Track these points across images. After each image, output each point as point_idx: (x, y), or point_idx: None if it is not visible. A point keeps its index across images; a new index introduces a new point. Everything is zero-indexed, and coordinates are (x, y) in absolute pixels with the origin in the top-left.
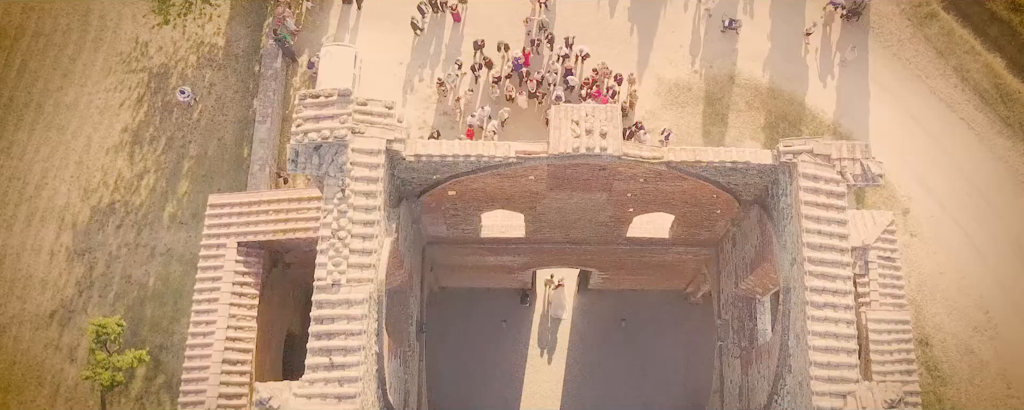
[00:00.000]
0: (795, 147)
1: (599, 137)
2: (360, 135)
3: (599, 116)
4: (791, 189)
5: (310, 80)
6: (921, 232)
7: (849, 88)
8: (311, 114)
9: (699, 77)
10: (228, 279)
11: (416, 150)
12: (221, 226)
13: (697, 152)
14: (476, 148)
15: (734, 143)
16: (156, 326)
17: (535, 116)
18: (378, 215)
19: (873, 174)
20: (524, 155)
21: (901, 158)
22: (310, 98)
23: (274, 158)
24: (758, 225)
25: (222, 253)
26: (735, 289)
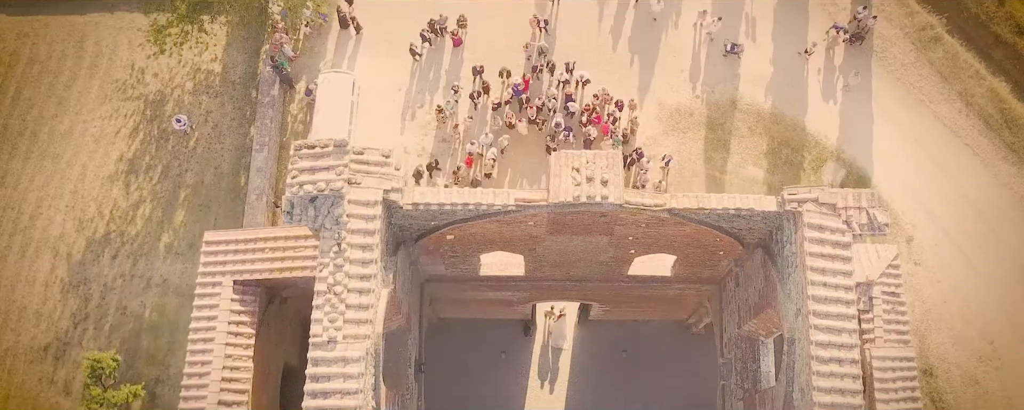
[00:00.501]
0: (800, 195)
1: (600, 185)
2: (356, 186)
3: (600, 163)
4: (796, 238)
5: (308, 107)
6: (925, 260)
7: (852, 113)
8: (306, 165)
9: (701, 102)
10: (224, 318)
11: (413, 199)
12: (217, 264)
13: (700, 199)
14: (475, 196)
15: (736, 169)
16: (152, 359)
17: (535, 143)
18: (375, 268)
19: (879, 223)
20: (524, 203)
21: (905, 185)
22: (306, 149)
23: (271, 187)
24: (762, 269)
25: (218, 292)
26: (738, 330)
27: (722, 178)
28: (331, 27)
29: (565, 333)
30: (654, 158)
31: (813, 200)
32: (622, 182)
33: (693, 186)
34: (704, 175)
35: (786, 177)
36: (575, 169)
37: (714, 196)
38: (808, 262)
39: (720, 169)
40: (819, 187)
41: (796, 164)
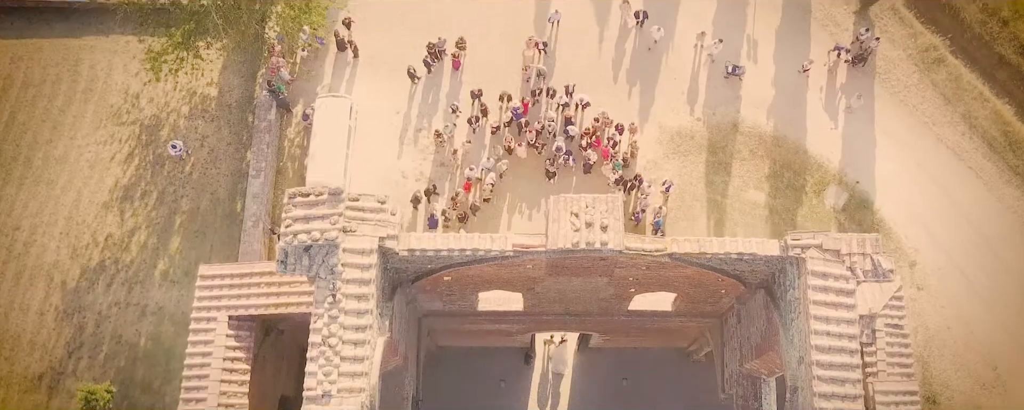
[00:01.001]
0: (803, 241)
1: (599, 230)
2: (352, 234)
3: (599, 208)
4: (798, 283)
5: (305, 132)
6: (928, 285)
7: (854, 136)
8: (300, 214)
9: (702, 125)
10: (219, 354)
11: (410, 245)
12: (211, 298)
13: (701, 243)
14: (472, 242)
15: (737, 193)
16: (147, 388)
17: (535, 167)
18: (370, 319)
19: (884, 270)
20: (522, 249)
21: (908, 208)
22: (300, 197)
23: (268, 213)
24: (764, 310)
25: (212, 327)
26: (739, 367)
27: (723, 202)
28: (328, 50)
29: (566, 358)
30: (655, 182)
31: (817, 246)
32: (622, 227)
33: (694, 210)
34: (705, 199)
35: (788, 201)
36: (574, 214)
37: (716, 240)
38: (811, 311)
39: (721, 193)
40: (823, 232)
41: (798, 187)
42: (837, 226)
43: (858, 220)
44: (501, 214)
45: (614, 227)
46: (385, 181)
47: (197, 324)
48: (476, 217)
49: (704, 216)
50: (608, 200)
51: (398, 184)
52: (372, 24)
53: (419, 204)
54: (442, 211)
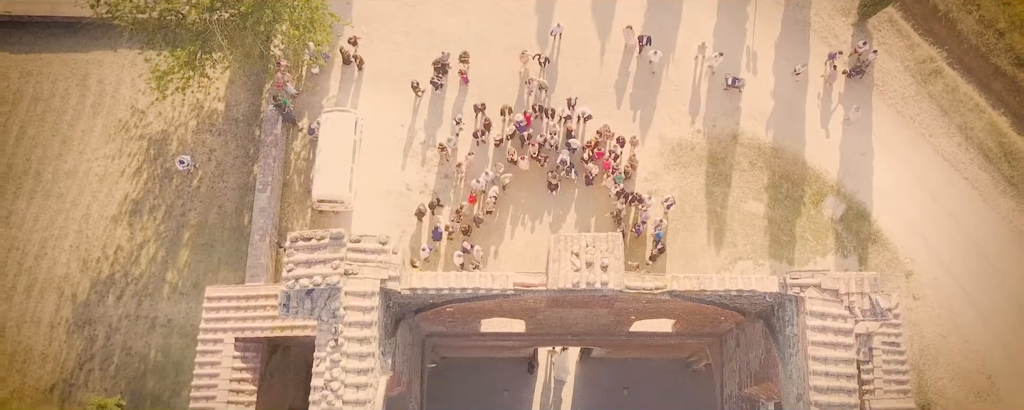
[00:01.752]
0: (802, 280)
1: (600, 270)
2: (353, 276)
3: (600, 247)
4: (797, 321)
5: (311, 145)
6: (924, 295)
7: (852, 147)
8: (302, 258)
9: (702, 136)
10: (226, 375)
11: (412, 284)
12: (218, 320)
13: (701, 281)
14: (473, 280)
15: (737, 204)
16: (157, 400)
17: (537, 179)
18: (373, 362)
19: (882, 309)
20: (523, 288)
21: (904, 219)
22: (301, 240)
23: (274, 227)
24: (763, 340)
25: (219, 349)
26: (739, 391)
27: (723, 213)
28: (334, 64)
29: (568, 366)
30: (656, 193)
31: (815, 286)
32: (622, 266)
33: (694, 221)
34: (705, 210)
35: (787, 211)
36: (574, 254)
37: (715, 277)
38: (810, 351)
39: (721, 204)
40: (822, 271)
41: (797, 198)
42: (835, 236)
43: (855, 230)
44: (504, 226)
45: (614, 266)
46: (390, 193)
47: (204, 346)
48: (479, 229)
49: (704, 227)
50: (608, 239)
51: (402, 196)
52: (377, 39)
53: (423, 216)
54: (446, 225)
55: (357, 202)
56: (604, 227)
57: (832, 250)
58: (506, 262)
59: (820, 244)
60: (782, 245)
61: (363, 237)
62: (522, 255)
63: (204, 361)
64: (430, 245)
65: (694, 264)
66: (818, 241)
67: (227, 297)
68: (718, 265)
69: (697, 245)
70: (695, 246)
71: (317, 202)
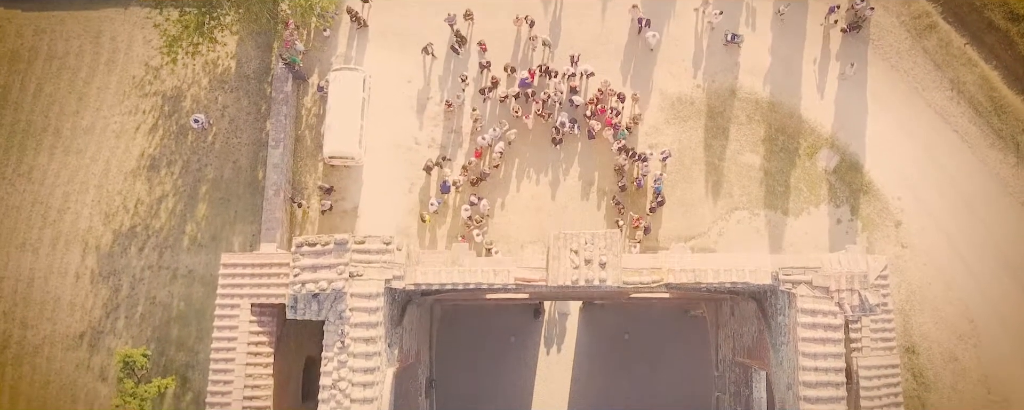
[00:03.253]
0: (794, 276)
1: (598, 267)
2: (358, 278)
3: (598, 244)
4: (789, 313)
5: (321, 100)
6: (912, 243)
7: (846, 101)
8: (308, 263)
9: (701, 91)
10: (243, 339)
11: (415, 279)
12: (234, 287)
13: (697, 274)
14: (475, 275)
15: (734, 157)
16: (182, 345)
17: (542, 134)
18: (379, 361)
19: (871, 305)
20: (523, 283)
21: (896, 170)
22: (307, 246)
23: (288, 181)
24: (755, 320)
25: (236, 314)
26: (732, 357)
27: (721, 165)
28: (342, 22)
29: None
30: (656, 147)
31: (807, 283)
32: (620, 262)
33: (693, 173)
34: (704, 162)
35: (782, 163)
36: (574, 251)
37: (710, 270)
38: (800, 347)
39: (719, 156)
40: (813, 268)
41: (792, 150)
42: (828, 187)
43: (848, 181)
44: (510, 179)
45: (612, 263)
46: (399, 148)
47: (222, 311)
48: (486, 182)
49: (702, 178)
50: (607, 236)
51: (411, 150)
52: None
53: (431, 171)
54: (453, 182)
55: (367, 157)
56: (607, 180)
57: (825, 200)
58: (512, 213)
59: (814, 194)
60: (777, 195)
61: (367, 238)
62: (527, 207)
63: (222, 325)
64: (439, 198)
65: (692, 214)
66: (812, 192)
67: (242, 264)
68: (715, 215)
69: (695, 196)
70: (693, 197)
71: (328, 158)
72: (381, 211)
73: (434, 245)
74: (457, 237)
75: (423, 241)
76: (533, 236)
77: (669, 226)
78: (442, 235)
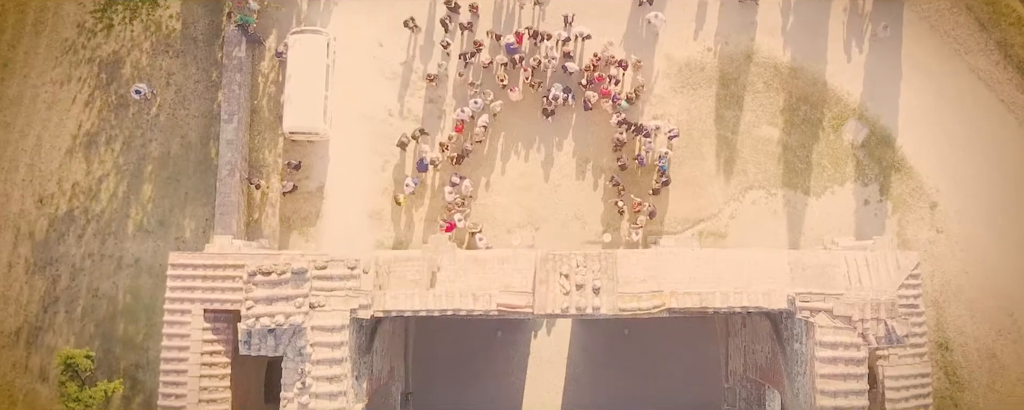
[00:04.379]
0: (813, 303)
1: (592, 293)
2: (320, 310)
3: (592, 267)
4: (806, 342)
5: (280, 66)
6: (948, 228)
7: (878, 66)
8: (263, 295)
9: (713, 55)
10: (196, 349)
11: (384, 306)
12: (184, 290)
13: (702, 297)
14: (453, 301)
15: (749, 129)
16: (130, 343)
17: (532, 104)
18: (345, 401)
19: (898, 336)
20: (507, 309)
21: (932, 145)
22: (261, 275)
23: (244, 159)
24: (769, 340)
25: (187, 320)
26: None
27: (734, 139)
28: None
29: None
30: (661, 118)
31: (827, 311)
32: (616, 287)
33: (702, 148)
34: (714, 136)
35: (803, 136)
36: (564, 275)
37: (718, 293)
38: (818, 384)
39: (732, 129)
40: (834, 295)
41: (815, 122)
42: (855, 164)
43: (878, 157)
44: (496, 156)
45: (607, 288)
46: (370, 120)
47: (170, 316)
48: (470, 159)
49: (713, 154)
50: (602, 258)
51: (384, 122)
52: None
53: (406, 147)
54: (431, 161)
55: (333, 131)
56: (605, 156)
57: (851, 178)
58: (499, 194)
59: (838, 172)
60: (797, 173)
61: (330, 263)
62: (515, 186)
63: (172, 333)
64: (415, 178)
65: (701, 194)
66: (836, 169)
67: (193, 265)
68: (728, 195)
69: (705, 174)
70: (703, 175)
71: (289, 133)
72: (350, 192)
73: (411, 230)
74: (437, 221)
75: (398, 225)
76: (522, 219)
77: (675, 208)
78: (420, 218)
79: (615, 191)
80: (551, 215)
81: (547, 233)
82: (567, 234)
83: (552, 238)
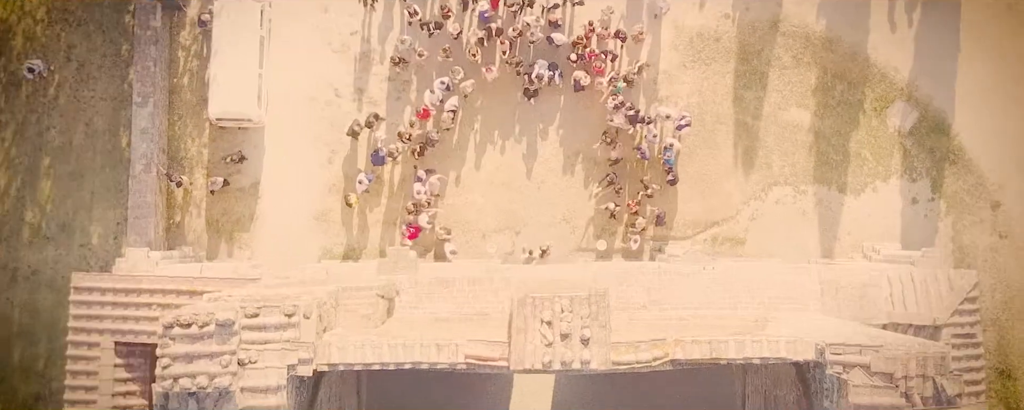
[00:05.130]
0: (846, 357)
1: (579, 345)
2: (252, 367)
3: (579, 313)
4: (839, 402)
5: (203, 40)
6: (1013, 232)
7: (932, 36)
8: (181, 351)
9: (731, 23)
10: (106, 390)
11: (330, 358)
12: (91, 318)
13: (713, 347)
14: (412, 353)
15: (774, 113)
16: (28, 372)
17: (510, 84)
18: None
19: (949, 396)
20: (476, 362)
21: (994, 133)
22: (179, 327)
23: (162, 150)
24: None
25: (96, 355)
26: None
27: (756, 125)
28: None
29: None
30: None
31: (863, 366)
32: (609, 336)
33: (717, 136)
34: (732, 121)
35: (840, 122)
36: (545, 322)
37: (733, 342)
38: None
39: (753, 113)
40: (872, 347)
41: (854, 104)
42: (901, 154)
43: (929, 147)
44: (467, 149)
45: (598, 338)
46: (314, 101)
47: (75, 350)
48: (436, 150)
49: (730, 144)
50: (592, 301)
51: (330, 104)
52: None
53: (359, 136)
54: (389, 153)
55: (270, 116)
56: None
57: (896, 173)
58: (471, 192)
59: (881, 165)
60: (832, 166)
61: (262, 309)
62: (491, 182)
63: (77, 370)
64: (370, 173)
65: (715, 192)
66: (879, 161)
67: (101, 289)
68: (747, 193)
69: (720, 168)
70: (718, 169)
71: (215, 119)
72: (291, 190)
73: (364, 235)
74: (397, 225)
75: (350, 230)
76: (499, 222)
77: (684, 209)
78: (375, 221)
79: (612, 190)
80: (534, 217)
81: (529, 238)
82: (553, 240)
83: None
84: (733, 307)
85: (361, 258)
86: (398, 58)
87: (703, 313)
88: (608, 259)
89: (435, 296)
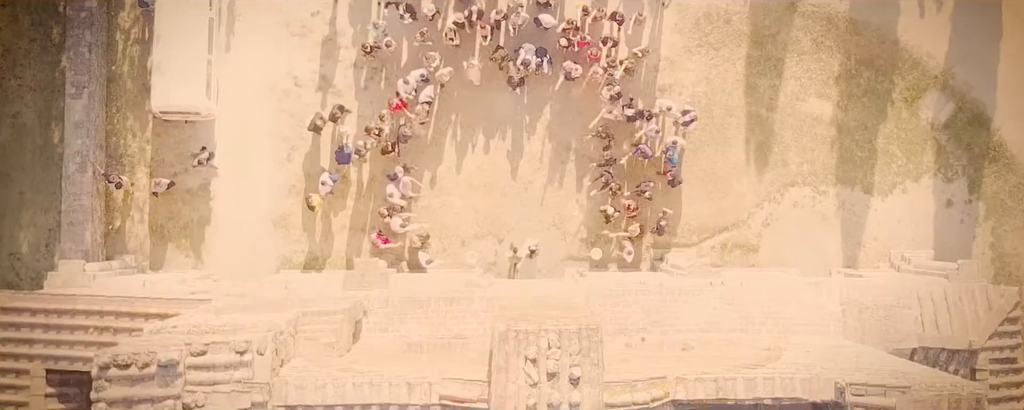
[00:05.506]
0: (869, 399)
1: (568, 385)
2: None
3: (569, 349)
4: None
5: (145, 22)
6: None
7: (970, 18)
8: (118, 395)
9: (742, 4)
10: None
11: (285, 399)
12: (19, 343)
13: (720, 385)
14: (379, 393)
15: (792, 103)
16: None
17: (492, 74)
18: None
19: None
20: (452, 403)
21: None
22: (115, 368)
23: (99, 147)
24: None
25: (25, 384)
26: None
27: (771, 117)
28: None
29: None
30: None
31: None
32: (602, 375)
33: (727, 130)
34: (744, 114)
35: (865, 114)
36: (530, 360)
37: (741, 380)
38: None
39: (768, 104)
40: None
41: (882, 94)
42: (935, 151)
43: (966, 142)
44: (444, 145)
45: (589, 377)
46: (272, 90)
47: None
48: (409, 147)
49: (741, 138)
50: (582, 335)
51: (289, 94)
52: None
53: (322, 131)
54: (357, 149)
55: (221, 108)
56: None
57: (929, 172)
58: (450, 194)
59: (912, 162)
60: (856, 164)
61: (209, 347)
62: (471, 183)
63: (4, 400)
64: (335, 173)
65: (725, 193)
66: (909, 158)
67: (30, 309)
68: (760, 194)
69: (730, 166)
70: (727, 167)
71: (159, 112)
72: (246, 191)
73: (329, 242)
74: (366, 232)
75: (312, 236)
76: (481, 228)
77: (689, 212)
78: (340, 227)
79: (608, 191)
80: (519, 222)
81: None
82: (541, 247)
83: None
84: (744, 329)
85: (325, 268)
86: (371, 46)
87: (710, 337)
88: (603, 269)
89: (407, 317)
